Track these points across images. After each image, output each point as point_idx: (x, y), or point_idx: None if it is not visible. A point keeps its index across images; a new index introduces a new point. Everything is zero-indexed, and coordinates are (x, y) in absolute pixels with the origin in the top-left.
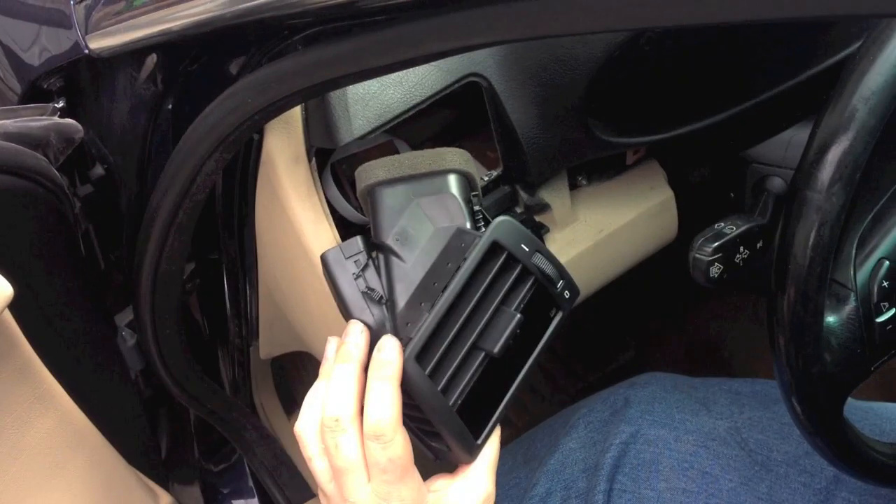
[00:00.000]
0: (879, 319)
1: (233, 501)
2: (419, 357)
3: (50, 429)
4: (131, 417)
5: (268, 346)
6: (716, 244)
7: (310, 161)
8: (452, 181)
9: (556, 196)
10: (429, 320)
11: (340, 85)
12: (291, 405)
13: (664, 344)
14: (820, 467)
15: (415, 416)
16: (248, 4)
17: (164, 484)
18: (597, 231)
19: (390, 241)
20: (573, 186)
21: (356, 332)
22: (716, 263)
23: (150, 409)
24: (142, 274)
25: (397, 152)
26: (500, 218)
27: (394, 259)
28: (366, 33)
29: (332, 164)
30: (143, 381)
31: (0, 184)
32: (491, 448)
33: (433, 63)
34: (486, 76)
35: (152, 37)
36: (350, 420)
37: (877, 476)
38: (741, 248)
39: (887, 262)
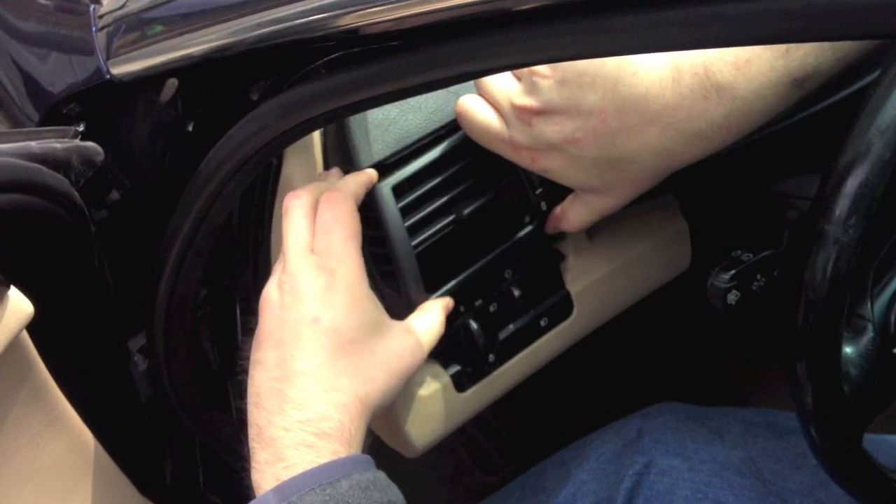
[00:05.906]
0: None
1: None
2: (395, 190)
3: (62, 452)
4: (140, 444)
5: None
6: (733, 271)
7: None
8: None
9: None
10: (412, 165)
11: (362, 109)
12: None
13: (675, 371)
14: (835, 498)
15: (375, 252)
16: (270, 29)
17: None
18: (611, 259)
19: None
20: None
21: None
22: (733, 291)
23: (157, 437)
24: (157, 297)
25: None
26: None
27: None
28: (389, 57)
29: None
30: (152, 408)
31: (22, 204)
32: (436, 315)
33: (453, 89)
34: None
35: (174, 61)
36: (308, 193)
37: None
38: (758, 276)
39: None
